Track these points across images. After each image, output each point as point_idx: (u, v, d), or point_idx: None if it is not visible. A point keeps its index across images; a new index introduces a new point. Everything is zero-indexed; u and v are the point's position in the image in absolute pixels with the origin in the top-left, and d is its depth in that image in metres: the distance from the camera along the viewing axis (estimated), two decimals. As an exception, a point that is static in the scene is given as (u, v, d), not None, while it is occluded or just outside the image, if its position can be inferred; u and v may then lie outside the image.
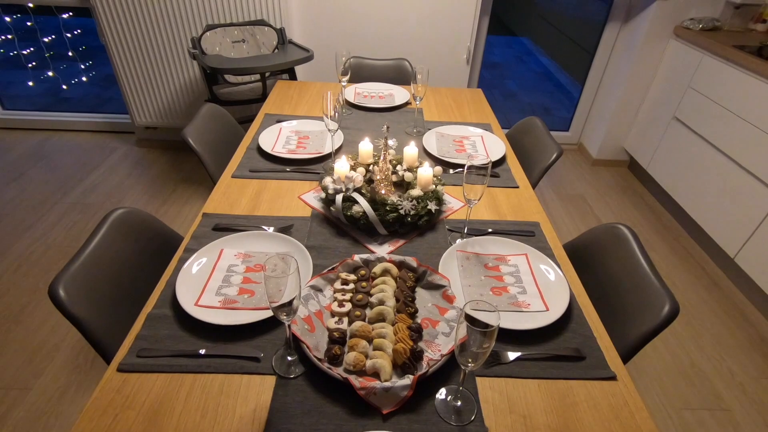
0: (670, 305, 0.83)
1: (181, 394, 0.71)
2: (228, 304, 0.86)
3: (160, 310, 0.84)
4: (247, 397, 0.72)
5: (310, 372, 0.76)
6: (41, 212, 2.36)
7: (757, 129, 1.90)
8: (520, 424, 0.70)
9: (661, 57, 2.60)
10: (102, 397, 0.70)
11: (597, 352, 0.81)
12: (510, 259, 1.01)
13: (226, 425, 0.68)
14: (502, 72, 4.89)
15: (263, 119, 1.61)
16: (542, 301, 0.90)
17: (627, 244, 1.00)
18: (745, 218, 1.94)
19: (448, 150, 1.44)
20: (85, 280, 0.85)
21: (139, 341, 0.79)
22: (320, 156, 1.37)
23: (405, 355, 0.76)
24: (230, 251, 0.98)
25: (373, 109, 1.73)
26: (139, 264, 1.00)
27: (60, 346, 1.67)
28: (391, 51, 2.62)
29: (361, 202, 1.06)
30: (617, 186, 2.84)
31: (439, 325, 0.84)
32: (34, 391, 1.52)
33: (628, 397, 0.74)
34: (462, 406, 0.72)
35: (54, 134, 3.11)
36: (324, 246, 1.03)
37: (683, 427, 1.52)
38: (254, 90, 2.17)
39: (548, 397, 0.74)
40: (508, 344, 0.82)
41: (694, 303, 2.00)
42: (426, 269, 0.94)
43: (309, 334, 0.79)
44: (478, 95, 1.94)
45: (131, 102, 2.68)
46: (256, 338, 0.81)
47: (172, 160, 2.85)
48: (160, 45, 2.44)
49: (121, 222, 0.98)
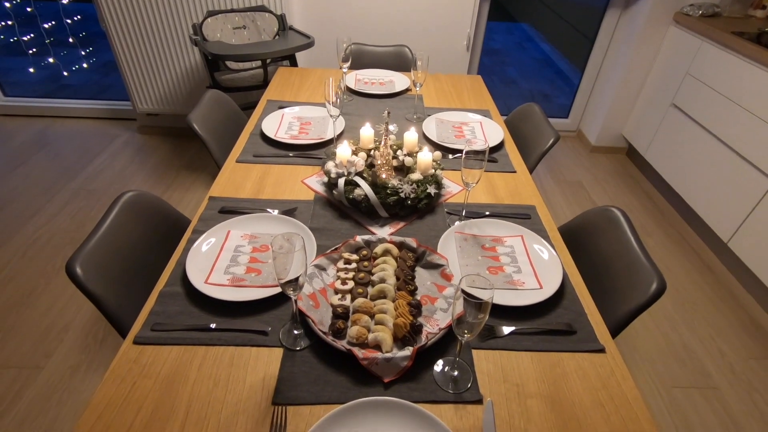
0: (657, 283, 0.87)
1: (194, 364, 0.76)
2: (236, 282, 0.90)
3: (171, 287, 0.88)
4: (256, 367, 0.76)
5: (316, 345, 0.80)
6: (46, 198, 2.39)
7: (754, 116, 1.92)
8: (513, 392, 0.74)
9: (660, 44, 2.60)
10: (120, 367, 0.75)
11: (587, 326, 0.85)
12: (506, 241, 1.04)
13: (237, 393, 0.72)
14: (502, 59, 4.88)
15: (265, 105, 1.63)
16: (536, 279, 0.94)
17: (619, 226, 1.04)
18: (738, 204, 1.98)
19: (448, 136, 1.47)
20: (99, 259, 0.89)
21: (153, 316, 0.83)
22: (322, 141, 1.40)
23: (405, 329, 0.80)
24: (237, 233, 1.02)
25: (373, 95, 1.76)
26: (149, 244, 1.04)
27: (69, 327, 1.72)
28: (391, 37, 2.62)
29: (363, 186, 1.09)
30: (615, 172, 2.87)
31: (438, 301, 0.88)
32: (46, 370, 1.57)
33: (615, 368, 0.79)
34: (458, 375, 0.76)
35: (56, 121, 3.13)
36: (327, 228, 1.07)
37: (673, 404, 1.58)
38: (255, 76, 2.18)
39: (540, 368, 0.78)
40: (503, 319, 0.86)
41: (687, 286, 2.05)
42: (425, 249, 0.97)
43: (314, 309, 0.84)
44: (478, 82, 1.96)
45: (132, 88, 2.69)
46: (264, 314, 0.85)
47: (174, 147, 2.88)
48: (160, 31, 2.44)
49: (132, 204, 1.02)
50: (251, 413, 0.69)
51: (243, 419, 0.69)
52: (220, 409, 0.70)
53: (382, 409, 0.69)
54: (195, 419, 0.68)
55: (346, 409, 0.68)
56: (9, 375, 1.55)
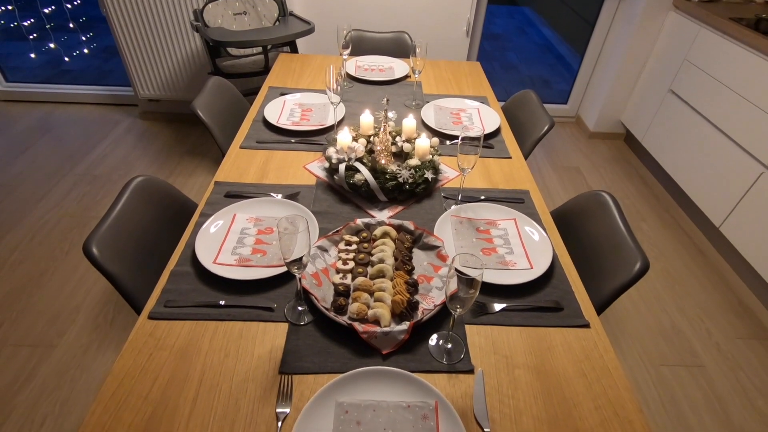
0: (641, 263, 0.92)
1: (206, 338, 0.81)
2: (243, 262, 0.95)
3: (182, 267, 0.94)
4: (263, 340, 0.82)
5: (319, 320, 0.85)
6: (52, 184, 2.43)
7: (750, 102, 1.95)
8: (503, 363, 0.80)
9: (660, 29, 2.61)
10: (137, 340, 0.80)
11: (574, 304, 0.91)
12: (500, 224, 1.09)
13: (246, 363, 0.78)
14: (503, 44, 4.86)
15: (267, 92, 1.66)
16: (527, 260, 0.99)
17: (608, 210, 1.08)
18: (730, 189, 2.02)
19: (446, 122, 1.51)
20: (113, 240, 0.94)
21: (165, 294, 0.88)
22: (323, 128, 1.44)
23: (402, 305, 0.85)
24: (242, 216, 1.07)
25: (373, 82, 1.78)
26: (159, 227, 1.09)
27: (80, 308, 1.78)
28: (391, 23, 2.62)
29: (363, 171, 1.13)
30: (612, 158, 2.90)
31: (433, 280, 0.94)
32: (59, 348, 1.64)
33: (599, 341, 0.84)
34: (452, 348, 0.82)
35: (58, 107, 3.15)
36: (328, 211, 1.11)
37: (660, 381, 1.64)
38: (256, 62, 2.20)
39: (528, 342, 0.84)
40: (494, 297, 0.91)
41: (679, 269, 2.10)
42: (422, 232, 1.02)
43: (317, 288, 0.89)
44: (476, 68, 1.98)
45: (134, 74, 2.71)
46: (269, 291, 0.90)
47: (176, 133, 2.91)
48: (161, 16, 2.45)
49: (142, 188, 1.07)
50: (260, 381, 0.75)
51: (252, 386, 0.74)
52: (231, 378, 0.75)
53: (381, 377, 0.75)
54: (208, 386, 0.74)
55: (347, 377, 0.74)
56: (24, 353, 1.61)
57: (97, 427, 0.68)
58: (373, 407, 0.71)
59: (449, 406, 0.71)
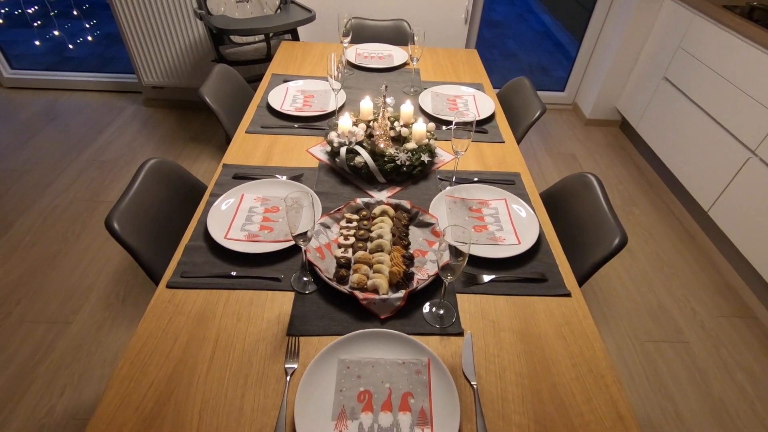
0: (620, 238, 1.00)
1: (219, 304, 0.89)
2: (251, 237, 1.02)
3: (195, 242, 1.01)
4: (272, 307, 0.90)
5: (322, 289, 0.93)
6: (60, 169, 2.50)
7: (740, 90, 2.00)
8: (490, 327, 0.88)
9: (655, 17, 2.65)
10: (157, 306, 0.88)
11: (557, 275, 0.98)
12: (491, 203, 1.16)
13: (257, 326, 0.86)
14: (503, 31, 4.87)
15: (270, 79, 1.72)
16: (516, 236, 1.06)
17: (592, 190, 1.15)
18: (719, 174, 2.09)
19: (442, 108, 1.57)
20: (131, 216, 1.01)
21: (181, 266, 0.96)
22: (325, 113, 1.50)
23: (399, 275, 0.93)
24: (250, 195, 1.14)
25: (373, 69, 1.84)
26: (172, 205, 1.16)
27: (93, 287, 1.86)
28: (390, 11, 2.66)
29: (363, 154, 1.20)
30: (608, 145, 2.96)
31: (428, 254, 1.01)
32: (74, 325, 1.73)
33: (578, 309, 0.92)
34: (444, 314, 0.90)
35: (63, 94, 3.20)
36: (331, 192, 1.18)
37: (645, 356, 1.73)
38: (259, 50, 2.25)
39: (514, 309, 0.92)
40: (484, 269, 0.99)
41: (668, 252, 2.18)
42: (418, 210, 1.10)
43: (320, 260, 0.97)
44: (473, 56, 2.03)
45: (138, 61, 2.75)
46: (277, 264, 0.98)
47: (180, 119, 2.96)
48: (164, 3, 2.49)
49: (155, 170, 1.14)
50: (270, 342, 0.83)
51: (263, 346, 0.82)
52: (244, 339, 0.83)
53: (379, 338, 0.83)
54: (223, 346, 0.82)
55: (349, 337, 0.82)
56: (42, 329, 1.70)
57: (125, 379, 0.76)
58: (372, 363, 0.79)
59: (440, 362, 0.79)
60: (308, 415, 0.71)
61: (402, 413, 0.73)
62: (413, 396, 0.75)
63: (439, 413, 0.73)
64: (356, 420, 0.72)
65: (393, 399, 0.74)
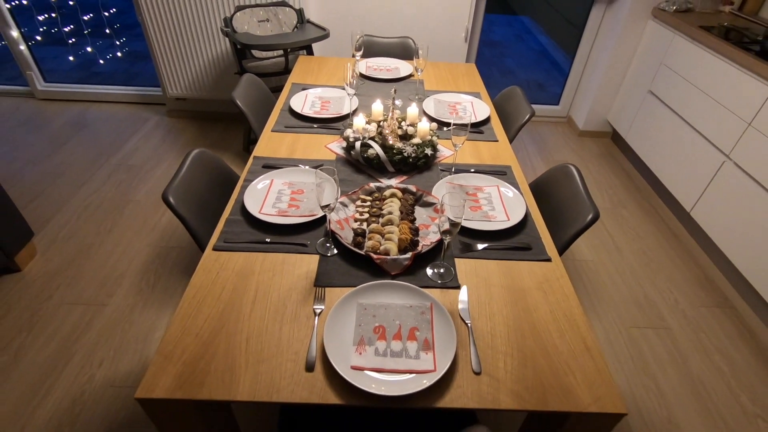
0: (592, 214, 1.18)
1: (257, 263, 1.07)
2: (281, 213, 1.21)
3: (234, 216, 1.20)
4: (300, 266, 1.08)
5: (342, 253, 1.11)
6: (91, 172, 2.71)
7: (714, 101, 2.21)
8: (482, 282, 1.05)
9: (640, 36, 2.88)
10: (206, 264, 1.06)
11: (540, 245, 1.16)
12: (485, 189, 1.35)
13: (289, 279, 1.04)
14: (501, 50, 5.14)
15: (291, 87, 1.93)
16: (506, 214, 1.25)
17: (572, 178, 1.34)
18: (699, 177, 2.27)
19: (443, 112, 1.77)
20: (182, 193, 1.20)
21: (224, 234, 1.14)
22: (340, 116, 1.71)
23: (406, 242, 1.11)
24: (278, 180, 1.33)
25: (381, 80, 2.06)
26: (211, 187, 1.35)
27: (125, 275, 2.04)
28: (397, 30, 2.91)
29: (375, 147, 1.40)
30: (600, 154, 3.16)
31: (431, 227, 1.19)
32: (109, 307, 1.90)
33: (557, 270, 1.09)
34: (444, 272, 1.07)
35: (92, 105, 3.44)
36: (347, 179, 1.38)
37: (630, 340, 1.88)
38: (277, 64, 2.48)
39: (502, 270, 1.09)
40: (478, 240, 1.17)
41: (654, 249, 2.35)
42: (422, 193, 1.28)
43: (340, 231, 1.15)
44: (472, 69, 2.25)
45: (164, 75, 2.99)
46: (303, 233, 1.16)
47: (200, 129, 3.19)
48: (192, 23, 2.74)
49: (198, 158, 1.33)
50: (300, 290, 1.01)
51: (295, 294, 1.00)
52: (279, 288, 1.01)
53: (390, 288, 1.00)
54: (262, 293, 1.00)
55: (365, 287, 1.00)
56: (80, 309, 1.88)
57: (185, 317, 0.94)
58: (385, 306, 0.97)
59: (441, 306, 0.96)
60: (334, 342, 0.89)
61: (410, 342, 0.90)
62: (419, 330, 0.92)
63: (439, 342, 0.90)
64: (372, 345, 0.89)
65: (402, 331, 0.92)
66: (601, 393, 0.84)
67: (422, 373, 0.84)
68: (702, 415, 1.62)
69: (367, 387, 0.81)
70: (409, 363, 0.86)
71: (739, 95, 2.05)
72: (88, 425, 1.49)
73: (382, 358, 0.87)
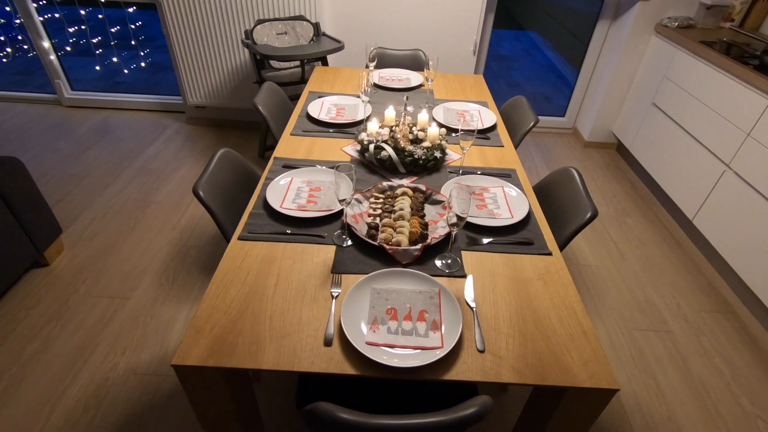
0: (591, 212, 1.26)
1: (278, 252, 1.17)
2: (301, 208, 1.31)
3: (257, 210, 1.30)
4: (318, 255, 1.17)
5: (357, 244, 1.20)
6: (115, 174, 2.84)
7: (714, 112, 2.28)
8: (487, 272, 1.14)
9: (644, 51, 2.97)
10: (232, 252, 1.16)
11: (542, 240, 1.24)
12: (491, 189, 1.44)
13: (308, 266, 1.12)
14: (509, 64, 5.27)
15: (308, 95, 2.05)
16: (510, 212, 1.33)
17: (573, 180, 1.42)
18: (700, 187, 2.34)
19: (452, 119, 1.87)
20: (210, 188, 1.31)
21: (248, 226, 1.24)
22: (354, 122, 1.81)
23: (417, 235, 1.20)
24: (297, 179, 1.43)
25: (393, 89, 2.17)
26: (235, 184, 1.46)
27: (146, 271, 2.15)
28: (408, 42, 3.03)
29: (388, 149, 1.49)
30: (605, 165, 3.23)
31: (439, 223, 1.28)
32: (132, 300, 2.00)
33: (557, 263, 1.17)
34: (451, 263, 1.16)
35: (115, 112, 3.60)
36: (361, 179, 1.47)
37: (632, 341, 1.94)
38: (294, 74, 2.61)
39: (506, 261, 1.17)
40: (483, 234, 1.25)
41: (657, 256, 2.41)
42: (432, 191, 1.37)
43: (355, 224, 1.24)
44: (480, 80, 2.35)
45: (185, 84, 3.14)
46: (320, 226, 1.26)
47: (218, 135, 3.32)
48: (214, 35, 2.89)
49: (224, 157, 1.44)
50: (319, 276, 1.10)
51: (313, 279, 1.09)
52: (299, 274, 1.10)
53: (401, 275, 1.09)
54: (284, 278, 1.09)
55: (379, 273, 1.08)
56: (104, 302, 1.98)
57: (214, 297, 1.03)
58: (397, 291, 1.05)
59: (449, 292, 1.04)
60: (350, 320, 0.97)
61: (419, 322, 0.98)
62: (428, 312, 1.00)
63: (446, 323, 0.98)
64: (385, 325, 0.97)
65: (412, 313, 1.00)
66: (595, 370, 0.91)
67: (431, 349, 0.92)
68: (701, 414, 1.67)
69: (380, 359, 0.89)
70: (418, 340, 0.94)
71: (739, 107, 2.13)
72: (112, 408, 1.58)
73: (393, 335, 0.95)
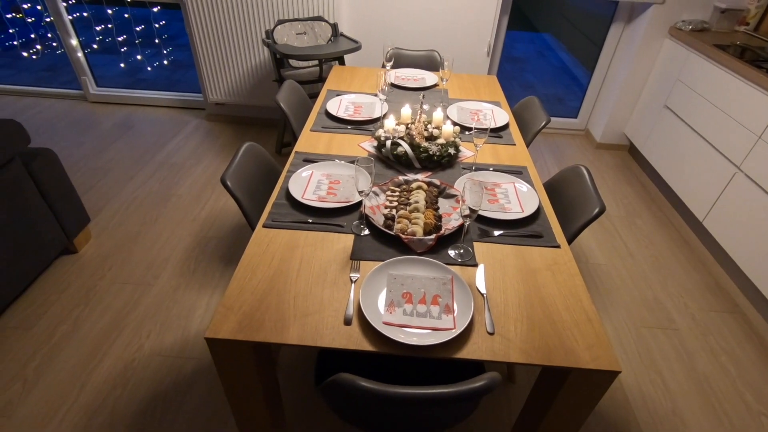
0: (599, 207, 1.31)
1: (301, 239, 1.24)
2: (321, 199, 1.38)
3: (280, 200, 1.37)
4: (338, 242, 1.24)
5: (374, 233, 1.27)
6: (138, 168, 2.95)
7: (726, 114, 2.31)
8: (497, 262, 1.19)
9: (657, 53, 2.99)
10: (257, 238, 1.23)
11: (551, 234, 1.30)
12: (502, 185, 1.49)
13: (328, 253, 1.20)
14: (522, 66, 5.29)
15: (326, 93, 2.13)
16: (520, 207, 1.39)
17: (582, 177, 1.47)
18: (711, 188, 2.36)
19: (466, 118, 1.93)
20: (236, 179, 1.39)
21: (271, 215, 1.32)
22: (371, 119, 1.88)
23: (431, 226, 1.26)
24: (318, 172, 1.50)
25: (409, 88, 2.23)
26: (259, 177, 1.53)
27: (169, 260, 2.24)
28: (423, 43, 3.10)
29: (404, 145, 1.56)
30: (616, 166, 3.26)
31: (452, 215, 1.34)
32: (155, 287, 2.09)
33: (565, 255, 1.23)
34: (463, 253, 1.22)
35: (137, 108, 3.72)
36: (378, 174, 1.54)
37: (639, 338, 1.98)
38: (312, 73, 2.69)
39: (516, 253, 1.23)
40: (495, 227, 1.31)
41: (666, 256, 2.43)
42: (445, 186, 1.44)
43: (372, 215, 1.31)
44: (493, 81, 2.41)
45: (206, 81, 3.24)
46: (340, 217, 1.33)
47: (236, 132, 3.42)
48: (235, 34, 2.98)
49: (249, 150, 1.52)
50: (338, 262, 1.17)
51: (333, 265, 1.16)
52: (321, 259, 1.17)
53: (416, 262, 1.15)
54: (306, 262, 1.16)
55: (395, 260, 1.15)
56: (129, 288, 2.07)
57: (242, 279, 1.11)
58: (412, 277, 1.12)
59: (461, 278, 1.11)
60: (368, 302, 1.04)
61: (433, 306, 1.05)
62: (441, 297, 1.07)
63: (458, 307, 1.04)
64: (401, 307, 1.04)
65: (427, 297, 1.06)
66: (599, 353, 0.96)
67: (444, 330, 0.99)
68: (706, 410, 1.70)
69: (397, 337, 0.95)
70: (432, 322, 1.01)
71: (751, 110, 2.15)
72: (137, 387, 1.67)
73: (409, 317, 1.02)
